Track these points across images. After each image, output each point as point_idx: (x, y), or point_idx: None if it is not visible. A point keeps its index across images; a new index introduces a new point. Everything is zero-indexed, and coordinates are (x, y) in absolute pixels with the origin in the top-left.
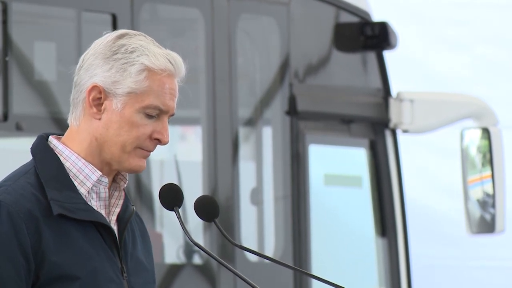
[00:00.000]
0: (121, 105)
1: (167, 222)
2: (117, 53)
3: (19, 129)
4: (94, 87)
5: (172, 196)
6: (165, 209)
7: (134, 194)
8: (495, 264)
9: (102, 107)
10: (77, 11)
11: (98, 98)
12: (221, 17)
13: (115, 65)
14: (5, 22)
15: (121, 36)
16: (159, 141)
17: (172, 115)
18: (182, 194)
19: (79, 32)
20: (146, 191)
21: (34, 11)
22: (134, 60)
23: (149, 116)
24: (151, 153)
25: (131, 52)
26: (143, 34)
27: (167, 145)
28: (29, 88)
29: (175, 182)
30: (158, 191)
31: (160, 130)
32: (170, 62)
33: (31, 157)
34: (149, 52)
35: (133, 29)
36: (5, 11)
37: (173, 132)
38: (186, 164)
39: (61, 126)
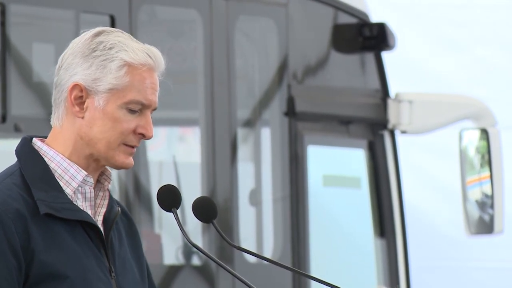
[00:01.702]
0: (103, 102)
1: (165, 223)
2: (95, 50)
3: (17, 131)
4: (75, 86)
5: (170, 197)
6: (163, 211)
7: (132, 195)
8: (493, 265)
9: (85, 105)
10: (75, 12)
11: (80, 96)
12: (220, 18)
13: (95, 62)
14: (3, 23)
15: (98, 34)
16: (143, 136)
17: (155, 109)
18: (180, 196)
19: (78, 33)
20: (144, 192)
21: (32, 13)
22: (113, 56)
23: (132, 111)
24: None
25: (110, 48)
26: (120, 30)
27: (166, 146)
28: (28, 89)
29: (174, 183)
30: (156, 192)
31: (143, 124)
32: (150, 56)
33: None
34: (127, 47)
35: (131, 30)
36: (3, 13)
37: (172, 133)
38: (185, 165)
39: None
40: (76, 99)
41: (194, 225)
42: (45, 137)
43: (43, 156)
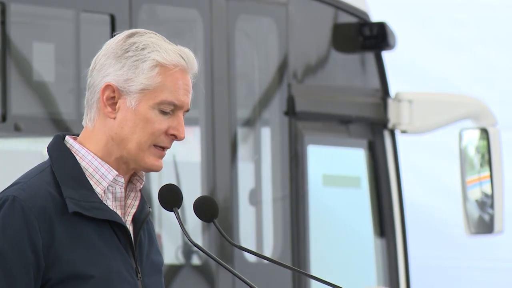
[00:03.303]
0: (135, 103)
1: (166, 222)
2: (128, 51)
3: (17, 130)
4: (107, 86)
5: (171, 197)
6: (164, 210)
7: None
8: (493, 265)
9: (117, 106)
10: (75, 11)
11: (112, 97)
12: (220, 18)
13: (127, 63)
14: (3, 23)
15: (131, 35)
16: (175, 137)
17: (187, 110)
18: (182, 195)
19: (78, 32)
20: (145, 192)
21: (32, 12)
22: (145, 57)
23: (163, 112)
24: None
25: (142, 49)
26: (153, 32)
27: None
28: (28, 89)
29: (174, 182)
30: (157, 191)
31: (175, 126)
32: (182, 57)
33: (29, 158)
34: (160, 48)
35: None
36: (3, 12)
37: None
38: (185, 165)
39: (59, 127)
40: (108, 99)
41: (194, 225)
42: (77, 135)
43: (74, 154)
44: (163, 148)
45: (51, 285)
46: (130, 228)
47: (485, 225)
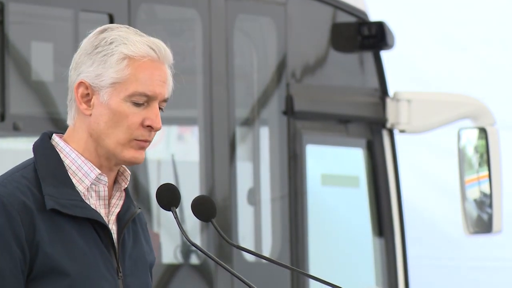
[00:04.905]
0: (107, 97)
1: (164, 222)
2: (98, 47)
3: (16, 129)
4: (80, 84)
5: (169, 196)
6: (162, 209)
7: (131, 194)
8: (492, 264)
9: (91, 103)
10: (74, 11)
11: (86, 94)
12: (218, 17)
13: (96, 59)
14: (2, 22)
15: (102, 31)
16: (151, 128)
17: (165, 100)
18: (180, 194)
19: (76, 32)
20: (143, 191)
21: (31, 11)
22: (113, 51)
23: (137, 104)
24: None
25: (110, 43)
26: (126, 26)
27: (164, 145)
28: (26, 88)
29: (172, 182)
30: (155, 191)
31: (150, 116)
32: (152, 48)
33: (28, 157)
34: (127, 41)
35: None
36: (2, 11)
37: (171, 132)
38: (183, 164)
39: (58, 126)
40: (83, 97)
41: (192, 224)
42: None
43: (59, 152)
44: (144, 141)
45: (31, 279)
46: (114, 227)
47: (483, 225)
